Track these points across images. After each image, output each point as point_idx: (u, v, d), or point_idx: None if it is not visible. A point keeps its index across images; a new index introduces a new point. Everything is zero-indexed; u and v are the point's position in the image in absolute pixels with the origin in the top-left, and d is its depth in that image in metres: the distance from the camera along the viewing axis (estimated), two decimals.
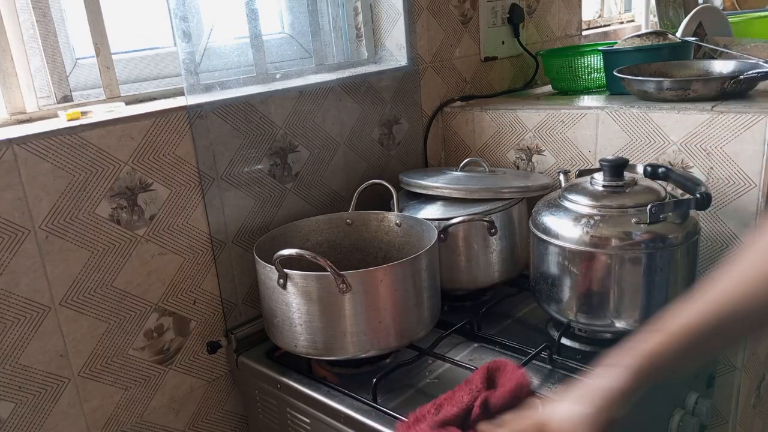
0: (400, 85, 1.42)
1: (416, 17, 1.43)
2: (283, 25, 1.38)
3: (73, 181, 0.94)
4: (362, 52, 1.46)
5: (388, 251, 1.19)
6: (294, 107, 1.21)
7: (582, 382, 0.70)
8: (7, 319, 0.90)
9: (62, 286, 0.95)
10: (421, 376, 1.02)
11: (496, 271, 1.20)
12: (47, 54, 1.01)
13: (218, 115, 1.10)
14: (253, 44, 1.23)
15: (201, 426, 1.17)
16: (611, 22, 2.53)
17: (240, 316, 1.18)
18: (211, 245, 1.12)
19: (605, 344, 1.03)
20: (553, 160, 1.36)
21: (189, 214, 1.08)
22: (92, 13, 1.02)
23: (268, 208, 1.21)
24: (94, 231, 0.97)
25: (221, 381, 1.18)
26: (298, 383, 1.02)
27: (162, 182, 1.04)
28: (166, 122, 1.03)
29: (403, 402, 0.95)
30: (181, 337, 1.10)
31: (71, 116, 0.96)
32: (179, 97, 1.12)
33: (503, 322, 1.17)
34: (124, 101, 1.07)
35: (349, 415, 0.93)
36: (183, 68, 1.08)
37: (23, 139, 0.88)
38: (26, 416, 0.94)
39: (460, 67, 1.57)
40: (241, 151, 1.14)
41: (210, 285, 1.13)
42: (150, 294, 1.05)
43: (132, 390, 1.05)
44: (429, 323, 1.04)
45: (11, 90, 0.98)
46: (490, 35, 1.64)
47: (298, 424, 1.04)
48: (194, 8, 1.11)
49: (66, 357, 0.97)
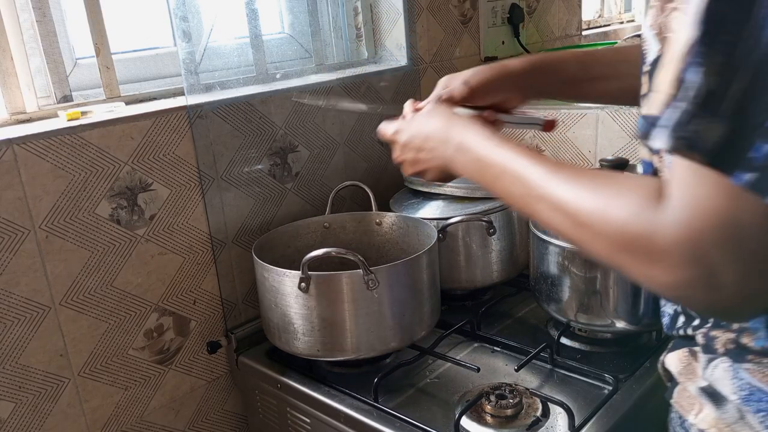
0: (400, 85, 1.42)
1: (416, 17, 1.43)
2: (283, 25, 1.38)
3: (73, 181, 0.94)
4: (362, 52, 1.46)
5: (388, 251, 1.19)
6: (294, 107, 1.21)
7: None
8: (7, 319, 0.90)
9: (62, 286, 0.95)
10: (422, 376, 1.02)
11: (495, 271, 1.20)
12: (47, 54, 1.01)
13: (218, 115, 1.10)
14: (253, 44, 1.23)
15: (201, 426, 1.17)
16: (611, 22, 2.54)
17: (240, 316, 1.18)
18: (211, 245, 1.12)
19: (605, 344, 1.04)
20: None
21: (189, 214, 1.08)
22: (92, 13, 1.02)
23: (268, 208, 1.21)
24: (94, 231, 0.97)
25: (221, 381, 1.18)
26: (298, 383, 1.02)
27: (162, 182, 1.04)
28: (166, 122, 1.03)
29: (404, 402, 0.95)
30: (181, 337, 1.10)
31: (71, 116, 0.96)
32: (179, 97, 1.12)
33: (503, 321, 1.17)
34: (124, 101, 1.07)
35: (350, 414, 0.93)
36: (183, 68, 1.08)
37: (23, 139, 0.88)
38: (26, 416, 0.94)
39: (460, 67, 1.55)
40: (241, 151, 1.14)
41: (210, 285, 1.13)
42: (150, 294, 1.05)
43: (132, 390, 1.05)
44: (429, 323, 1.04)
45: (11, 90, 0.98)
46: (490, 35, 1.64)
47: (299, 424, 1.04)
48: (194, 8, 1.11)
49: (66, 357, 0.97)
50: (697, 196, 0.43)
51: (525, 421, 0.87)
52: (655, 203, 0.45)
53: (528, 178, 0.58)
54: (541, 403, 0.90)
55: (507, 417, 0.87)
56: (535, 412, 0.88)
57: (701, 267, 0.43)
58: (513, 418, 0.87)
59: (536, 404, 0.89)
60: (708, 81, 0.42)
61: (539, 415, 0.88)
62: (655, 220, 0.45)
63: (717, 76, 0.41)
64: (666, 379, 0.64)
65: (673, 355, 0.62)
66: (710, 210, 0.42)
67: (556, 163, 0.56)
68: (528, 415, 0.88)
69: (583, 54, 0.83)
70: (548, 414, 0.88)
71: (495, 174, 0.63)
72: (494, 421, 0.87)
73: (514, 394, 0.89)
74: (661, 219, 0.44)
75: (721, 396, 0.55)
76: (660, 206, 0.45)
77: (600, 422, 0.86)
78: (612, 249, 0.48)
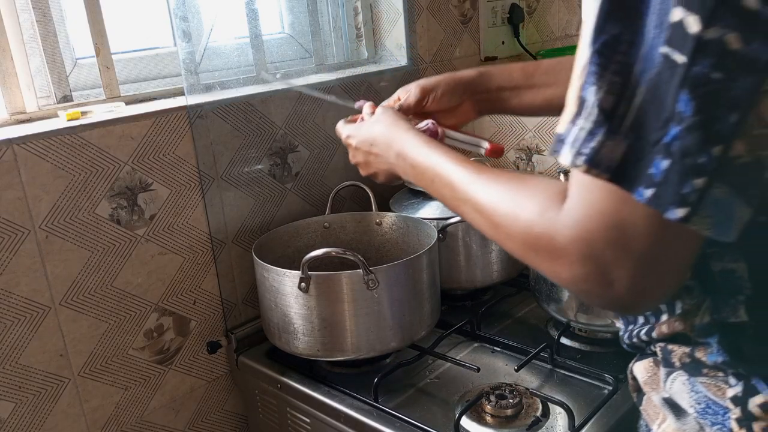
0: (400, 85, 1.40)
1: (416, 17, 1.43)
2: (283, 25, 1.38)
3: (73, 181, 0.94)
4: (362, 52, 1.46)
5: (388, 251, 1.19)
6: (294, 107, 1.21)
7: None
8: (7, 319, 0.90)
9: (62, 286, 0.95)
10: (422, 376, 1.02)
11: (494, 271, 1.20)
12: (47, 54, 1.01)
13: (218, 115, 1.10)
14: (253, 44, 1.23)
15: (201, 426, 1.17)
16: None
17: (240, 316, 1.18)
18: (211, 245, 1.12)
19: (605, 344, 1.04)
20: (553, 160, 1.36)
21: (189, 214, 1.08)
22: (92, 13, 1.02)
23: (268, 208, 1.21)
24: (94, 231, 0.97)
25: (221, 381, 1.18)
26: (298, 383, 1.02)
27: (162, 182, 1.04)
28: (166, 122, 1.03)
29: (404, 402, 0.95)
30: (181, 337, 1.10)
31: (71, 116, 0.96)
32: (179, 97, 1.12)
33: (503, 321, 1.17)
34: (124, 101, 1.07)
35: (350, 414, 0.93)
36: (183, 68, 1.08)
37: (23, 139, 0.88)
38: (26, 416, 0.94)
39: (460, 67, 1.57)
40: (241, 151, 1.14)
41: (210, 285, 1.13)
42: (150, 294, 1.05)
43: (132, 390, 1.05)
44: (429, 323, 1.04)
45: (11, 90, 0.98)
46: (490, 35, 1.64)
47: (299, 424, 1.04)
48: (194, 8, 1.11)
49: (66, 357, 0.96)
50: (590, 199, 0.45)
51: (525, 421, 0.87)
52: (558, 205, 0.48)
53: (455, 182, 0.63)
54: (541, 403, 0.90)
55: (507, 417, 0.87)
56: (535, 412, 0.88)
57: (595, 264, 0.45)
58: (513, 418, 0.87)
59: (536, 404, 0.90)
60: (604, 100, 0.43)
61: (539, 415, 0.88)
62: (556, 220, 0.48)
63: (613, 95, 0.43)
64: (633, 389, 0.65)
65: (640, 364, 0.63)
66: (600, 212, 0.45)
67: (479, 168, 0.61)
68: (528, 415, 0.88)
69: (528, 64, 0.88)
70: (548, 414, 0.88)
71: (429, 178, 0.68)
72: (494, 421, 0.87)
73: (514, 394, 0.89)
74: (561, 219, 0.47)
75: (681, 408, 0.56)
76: (561, 207, 0.47)
77: (600, 422, 0.86)
78: (522, 248, 0.52)
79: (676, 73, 0.39)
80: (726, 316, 0.51)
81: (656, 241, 0.44)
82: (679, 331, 0.55)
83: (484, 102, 0.88)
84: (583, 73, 0.44)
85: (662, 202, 0.41)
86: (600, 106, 0.43)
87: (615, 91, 0.43)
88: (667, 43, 0.39)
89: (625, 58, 0.42)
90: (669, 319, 0.56)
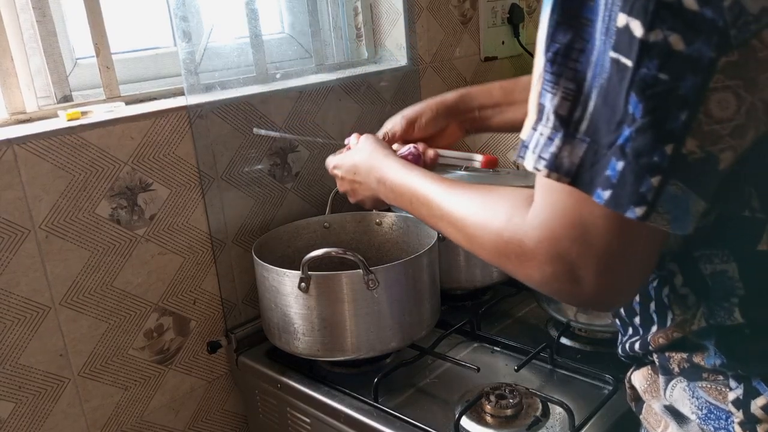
0: (400, 85, 1.42)
1: (416, 17, 1.43)
2: (283, 25, 1.38)
3: (73, 181, 0.94)
4: (362, 52, 1.46)
5: (388, 251, 1.19)
6: (294, 107, 1.21)
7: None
8: (7, 319, 0.90)
9: (62, 286, 0.95)
10: (422, 376, 1.02)
11: (495, 271, 1.20)
12: (47, 54, 1.01)
13: (218, 115, 1.10)
14: (253, 44, 1.23)
15: (201, 426, 1.17)
16: None
17: (240, 316, 1.18)
18: (211, 245, 1.12)
19: (604, 344, 1.04)
20: None
21: (189, 214, 1.08)
22: (92, 13, 1.02)
23: (268, 208, 1.21)
24: (94, 231, 0.97)
25: (221, 381, 1.18)
26: (298, 383, 1.02)
27: (162, 182, 1.04)
28: (166, 122, 1.03)
29: (404, 402, 0.95)
30: (181, 337, 1.10)
31: (71, 116, 0.96)
32: (179, 97, 1.12)
33: (503, 321, 1.17)
34: (124, 101, 1.07)
35: (350, 414, 0.93)
36: (183, 68, 1.08)
37: (23, 139, 0.88)
38: (26, 416, 0.94)
39: (460, 67, 1.57)
40: (241, 151, 1.14)
41: (210, 285, 1.13)
42: (150, 294, 1.05)
43: (132, 390, 1.05)
44: (429, 323, 1.04)
45: (11, 90, 0.98)
46: (490, 35, 1.64)
47: (299, 424, 1.04)
48: (194, 8, 1.11)
49: (66, 357, 0.97)
50: (552, 201, 0.47)
51: (525, 421, 0.87)
52: (524, 210, 0.50)
53: (431, 200, 0.65)
54: (541, 403, 0.90)
55: (507, 417, 0.87)
56: (535, 412, 0.88)
57: (562, 262, 0.47)
58: (513, 418, 0.87)
59: (536, 404, 0.90)
60: (559, 106, 0.44)
61: (539, 415, 0.88)
62: (523, 224, 0.49)
63: (568, 101, 0.44)
64: (630, 398, 0.65)
65: (638, 372, 0.63)
66: (562, 211, 0.46)
67: (452, 184, 0.63)
68: (528, 415, 0.88)
69: (507, 81, 0.90)
70: (548, 414, 0.88)
71: (408, 200, 0.70)
72: (494, 421, 0.87)
73: (514, 394, 0.89)
74: (528, 222, 0.49)
75: (683, 415, 0.56)
76: (527, 212, 0.49)
77: (600, 422, 0.86)
78: (495, 255, 0.54)
79: (624, 76, 0.40)
80: (722, 321, 0.51)
81: (618, 239, 0.45)
82: (677, 339, 0.55)
83: (468, 122, 0.91)
84: (540, 80, 0.45)
85: (620, 203, 0.42)
86: (556, 112, 0.44)
87: (569, 97, 0.44)
88: (614, 49, 0.41)
89: (577, 65, 0.43)
90: (664, 330, 0.56)
